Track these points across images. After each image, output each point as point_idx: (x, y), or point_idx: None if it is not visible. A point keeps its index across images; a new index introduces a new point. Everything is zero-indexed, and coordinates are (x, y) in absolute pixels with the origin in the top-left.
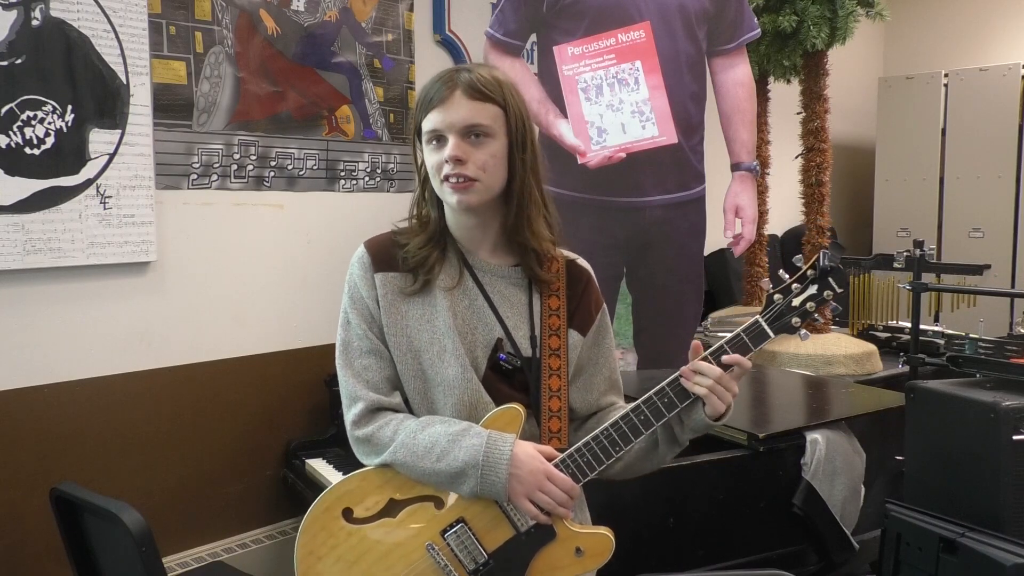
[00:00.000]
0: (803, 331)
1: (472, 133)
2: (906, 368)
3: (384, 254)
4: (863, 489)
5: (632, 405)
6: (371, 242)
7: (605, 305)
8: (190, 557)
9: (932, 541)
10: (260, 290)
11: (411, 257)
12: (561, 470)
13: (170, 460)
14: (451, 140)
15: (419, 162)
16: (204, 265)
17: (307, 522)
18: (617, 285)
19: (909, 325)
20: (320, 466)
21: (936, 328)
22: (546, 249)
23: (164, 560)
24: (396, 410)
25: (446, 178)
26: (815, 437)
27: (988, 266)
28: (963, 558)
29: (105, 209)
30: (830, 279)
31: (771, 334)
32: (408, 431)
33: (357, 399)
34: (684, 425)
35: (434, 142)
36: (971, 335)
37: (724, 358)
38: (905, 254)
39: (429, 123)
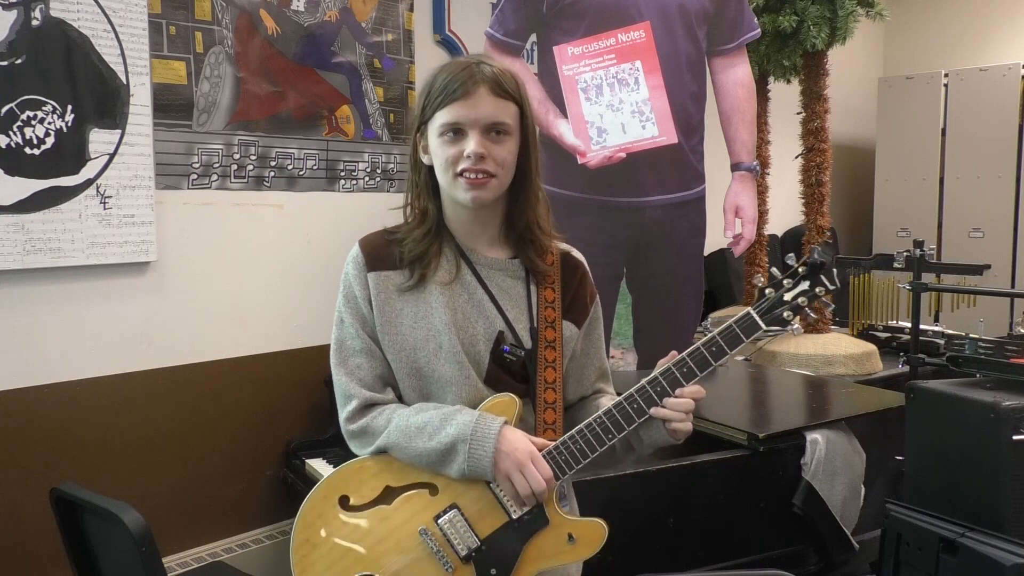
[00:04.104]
0: (796, 326)
1: (494, 130)
2: (906, 368)
3: (378, 252)
4: (863, 489)
5: (618, 400)
6: (365, 241)
7: (598, 296)
8: (190, 557)
9: (932, 541)
10: (260, 290)
11: (409, 250)
12: (548, 462)
13: (170, 460)
14: (473, 136)
15: (419, 153)
16: (204, 265)
17: (304, 510)
18: (617, 285)
19: (909, 325)
20: (320, 466)
21: (936, 328)
22: (545, 243)
23: (164, 560)
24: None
25: (461, 173)
26: (815, 437)
27: (988, 266)
28: (963, 558)
29: (105, 209)
30: (822, 276)
31: (763, 325)
32: (402, 416)
33: (351, 397)
34: (643, 443)
35: (450, 134)
36: (971, 335)
37: (683, 391)
38: (905, 254)
39: (449, 115)
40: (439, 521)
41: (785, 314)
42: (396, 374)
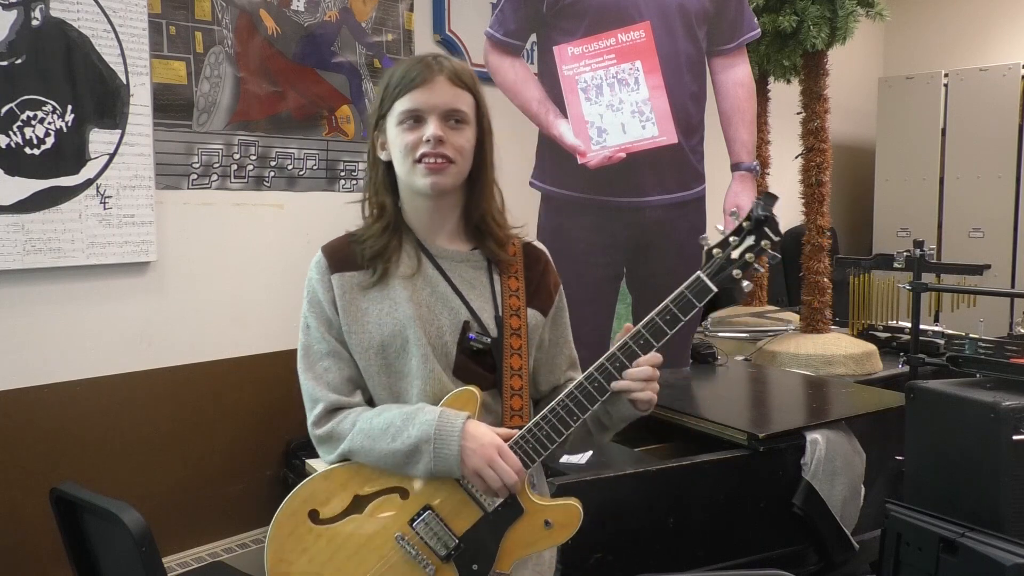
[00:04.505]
0: (745, 282)
1: (452, 118)
2: (906, 368)
3: (340, 255)
4: (863, 489)
5: (578, 380)
6: (327, 246)
7: (561, 285)
8: (190, 557)
9: (932, 541)
10: (260, 290)
11: (370, 247)
12: (515, 452)
13: (170, 460)
14: (432, 121)
15: (376, 149)
16: (204, 265)
17: (273, 529)
18: (617, 285)
19: (909, 325)
20: (320, 466)
21: (936, 328)
22: (501, 235)
23: (164, 560)
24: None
25: (421, 158)
26: (815, 437)
27: (988, 266)
28: (963, 558)
29: (105, 209)
30: (766, 228)
31: (713, 288)
32: (365, 418)
33: (317, 401)
34: (612, 419)
35: (409, 122)
36: (971, 335)
37: (640, 359)
38: (905, 254)
39: (408, 103)
40: (414, 524)
41: (735, 272)
42: (364, 373)
